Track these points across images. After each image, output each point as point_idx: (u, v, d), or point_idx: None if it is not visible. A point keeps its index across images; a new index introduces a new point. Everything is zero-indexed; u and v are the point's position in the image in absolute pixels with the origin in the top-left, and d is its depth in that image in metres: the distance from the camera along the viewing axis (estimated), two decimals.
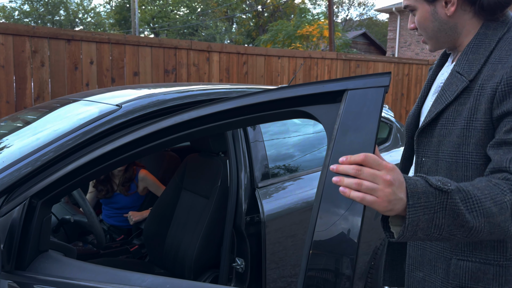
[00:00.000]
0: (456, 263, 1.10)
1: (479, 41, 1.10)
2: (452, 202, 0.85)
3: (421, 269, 1.20)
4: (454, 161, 1.09)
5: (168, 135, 1.13)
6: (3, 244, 1.22)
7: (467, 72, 1.08)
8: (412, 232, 0.84)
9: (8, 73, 3.75)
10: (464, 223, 0.86)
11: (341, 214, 0.83)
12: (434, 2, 1.12)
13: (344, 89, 0.93)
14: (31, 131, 1.82)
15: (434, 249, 1.17)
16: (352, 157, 0.81)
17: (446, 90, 1.12)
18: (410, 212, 0.82)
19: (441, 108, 1.11)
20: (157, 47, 4.62)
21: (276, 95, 1.00)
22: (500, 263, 1.06)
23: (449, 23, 1.13)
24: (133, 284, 1.07)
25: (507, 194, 0.91)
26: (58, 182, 1.26)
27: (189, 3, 33.40)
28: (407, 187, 0.83)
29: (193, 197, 2.32)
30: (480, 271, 1.07)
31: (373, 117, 0.86)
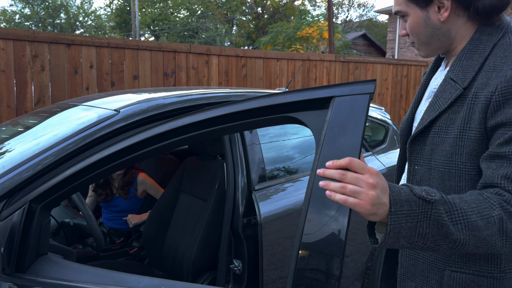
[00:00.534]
0: (449, 274, 1.09)
1: (474, 46, 1.07)
2: (436, 212, 0.86)
3: (413, 279, 1.19)
4: (447, 170, 1.07)
5: (163, 141, 1.17)
6: (3, 247, 1.25)
7: (461, 79, 1.06)
8: (395, 239, 0.85)
9: (9, 78, 3.79)
10: (448, 235, 0.87)
11: (328, 216, 0.86)
12: (427, 7, 1.08)
13: (331, 96, 0.96)
14: (32, 136, 1.85)
15: (427, 260, 1.15)
16: (337, 162, 0.84)
17: (439, 97, 1.10)
18: (392, 219, 0.84)
19: (434, 116, 1.09)
20: (156, 50, 4.66)
21: (266, 102, 1.03)
22: (494, 275, 1.05)
23: (442, 29, 1.10)
24: (129, 285, 1.10)
25: (495, 208, 0.90)
26: (57, 186, 1.29)
27: (189, 6, 33.49)
28: (391, 194, 0.84)
29: (191, 200, 2.35)
30: (474, 283, 1.06)
31: (358, 123, 0.89)
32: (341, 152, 0.89)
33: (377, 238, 0.93)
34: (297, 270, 0.87)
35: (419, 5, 1.08)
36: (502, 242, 0.90)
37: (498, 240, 0.90)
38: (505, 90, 0.96)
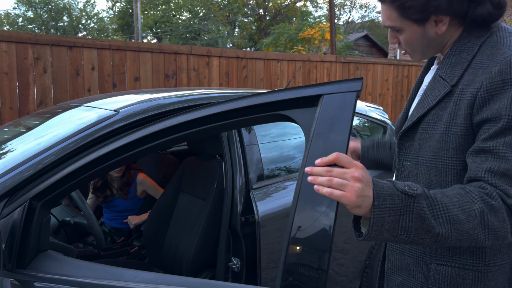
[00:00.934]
0: (435, 268, 1.11)
1: (462, 45, 1.09)
2: (418, 206, 0.88)
3: (400, 273, 1.21)
4: (433, 165, 1.09)
5: (159, 139, 1.20)
6: (4, 244, 1.28)
7: (449, 77, 1.08)
8: (378, 232, 0.88)
9: (12, 80, 3.84)
10: (430, 228, 0.89)
11: (316, 211, 0.89)
12: (424, 24, 1.08)
13: (320, 94, 0.99)
14: (33, 136, 1.89)
15: (413, 254, 1.17)
16: (325, 158, 0.87)
17: (428, 94, 1.12)
18: (375, 212, 0.86)
19: (422, 112, 1.11)
20: (157, 52, 4.70)
21: (258, 100, 1.06)
22: (479, 268, 1.07)
23: (437, 40, 1.12)
24: (126, 280, 1.13)
25: (477, 202, 0.92)
26: (56, 184, 1.32)
27: (191, 8, 33.58)
28: (374, 189, 0.87)
29: (190, 199, 2.38)
30: (459, 276, 1.08)
31: (346, 120, 0.92)
32: (330, 148, 0.92)
33: (362, 232, 0.95)
34: (286, 262, 0.90)
35: (417, 23, 1.08)
36: (485, 235, 0.92)
37: (481, 233, 0.92)
38: (490, 86, 0.99)
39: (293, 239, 0.90)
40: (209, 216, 2.18)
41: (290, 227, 0.90)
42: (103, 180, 2.76)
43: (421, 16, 1.06)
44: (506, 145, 0.95)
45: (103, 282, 1.13)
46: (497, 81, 0.98)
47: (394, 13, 1.10)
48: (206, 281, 1.06)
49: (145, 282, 1.10)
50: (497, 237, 0.93)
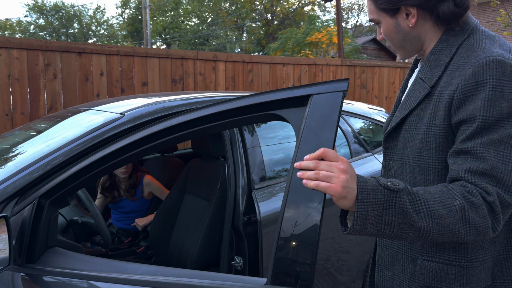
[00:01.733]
0: (421, 263, 1.15)
1: (441, 47, 1.14)
2: (400, 201, 0.92)
3: (390, 268, 1.25)
4: (417, 165, 1.14)
5: (160, 139, 1.26)
6: (15, 240, 1.35)
7: (429, 78, 1.13)
8: (362, 225, 0.92)
9: (23, 86, 3.94)
10: (412, 223, 0.92)
11: (305, 204, 0.94)
12: (395, 15, 1.15)
13: (309, 94, 1.04)
14: (43, 138, 1.97)
15: (402, 249, 1.21)
16: (313, 154, 0.93)
17: (410, 96, 1.17)
18: (359, 206, 0.91)
19: (405, 113, 1.16)
20: (164, 57, 4.78)
21: (252, 101, 1.12)
22: (461, 264, 1.10)
23: (412, 33, 1.17)
24: (129, 272, 1.19)
25: (458, 198, 0.96)
26: (64, 182, 1.39)
27: (200, 14, 33.84)
28: (358, 184, 0.91)
29: (195, 200, 2.44)
30: (443, 271, 1.12)
31: (333, 117, 0.98)
32: (317, 144, 0.97)
33: (348, 226, 0.99)
34: (277, 252, 0.95)
35: (389, 13, 1.16)
36: (466, 230, 0.96)
37: (462, 228, 0.95)
38: (465, 88, 1.03)
39: (283, 230, 0.95)
40: (212, 216, 2.23)
41: (281, 219, 0.96)
42: (111, 181, 2.83)
43: (391, 6, 1.13)
44: (483, 146, 0.99)
45: (107, 275, 1.20)
46: (471, 83, 1.02)
47: (372, 6, 1.19)
48: (202, 273, 1.12)
49: (146, 274, 1.16)
50: (478, 232, 0.97)
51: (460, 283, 1.11)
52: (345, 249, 2.50)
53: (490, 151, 0.99)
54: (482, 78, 1.01)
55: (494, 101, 0.99)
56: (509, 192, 0.98)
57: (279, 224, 0.96)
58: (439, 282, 1.12)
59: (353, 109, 3.01)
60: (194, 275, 1.10)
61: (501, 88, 0.99)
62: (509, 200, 0.98)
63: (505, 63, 1.00)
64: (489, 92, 0.99)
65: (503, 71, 1.00)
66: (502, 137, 0.98)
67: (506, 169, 0.98)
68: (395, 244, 1.24)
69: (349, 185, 0.90)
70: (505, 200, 0.98)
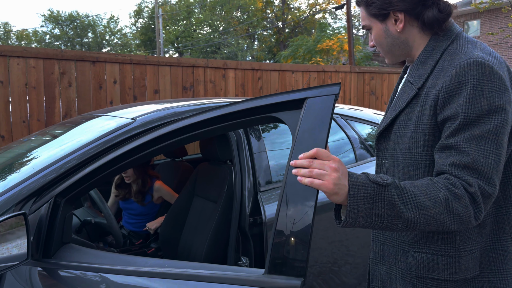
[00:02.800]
0: (413, 255, 1.22)
1: (427, 52, 1.23)
2: (389, 194, 1.00)
3: (384, 262, 1.32)
4: (406, 161, 1.22)
5: (165, 141, 1.34)
6: (32, 237, 1.44)
7: (416, 81, 1.22)
8: (355, 218, 0.99)
9: (39, 94, 4.09)
10: (400, 214, 1.00)
11: (299, 200, 1.02)
12: (385, 21, 1.26)
13: (304, 97, 1.12)
14: (58, 143, 2.07)
15: (394, 243, 1.28)
16: (307, 153, 1.00)
17: (399, 98, 1.26)
18: (351, 201, 0.98)
19: (395, 114, 1.25)
20: (175, 66, 4.91)
21: (252, 104, 1.20)
22: (450, 254, 1.17)
23: (400, 38, 1.26)
24: (138, 265, 1.27)
25: (441, 190, 1.03)
26: (78, 182, 1.48)
27: (212, 23, 34.20)
28: (349, 180, 0.99)
29: (203, 202, 2.52)
30: (433, 262, 1.19)
31: (325, 119, 1.05)
32: (311, 143, 1.05)
33: (342, 219, 1.06)
34: (274, 243, 1.02)
35: (378, 19, 1.27)
36: (450, 219, 1.03)
37: (446, 218, 1.03)
38: (449, 87, 1.11)
39: (279, 223, 1.03)
40: (219, 218, 2.31)
41: (278, 213, 1.03)
42: (123, 179, 2.93)
43: (380, 12, 1.24)
44: (465, 141, 1.07)
45: (118, 267, 1.28)
46: (454, 83, 1.10)
47: (364, 13, 1.30)
48: (205, 265, 1.19)
49: (154, 266, 1.24)
50: (461, 221, 1.04)
51: (449, 272, 1.17)
52: (352, 252, 2.55)
53: (472, 145, 1.06)
54: (464, 78, 1.09)
55: (475, 99, 1.07)
56: (489, 184, 1.05)
57: (276, 218, 1.04)
58: (430, 272, 1.19)
59: (362, 115, 3.07)
60: (198, 267, 1.18)
61: (481, 87, 1.08)
62: (489, 191, 1.05)
63: (484, 64, 1.09)
64: (470, 91, 1.08)
65: (483, 72, 1.08)
66: (483, 133, 1.06)
67: (486, 162, 1.05)
68: (388, 238, 1.30)
69: (341, 182, 0.97)
70: (486, 191, 1.05)
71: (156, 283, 1.20)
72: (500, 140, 1.07)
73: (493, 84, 1.08)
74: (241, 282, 1.06)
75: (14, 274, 1.40)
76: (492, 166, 1.05)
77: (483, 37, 21.69)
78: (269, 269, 1.03)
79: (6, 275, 1.39)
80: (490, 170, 1.05)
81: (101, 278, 1.31)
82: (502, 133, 1.07)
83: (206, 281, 1.11)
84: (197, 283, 1.13)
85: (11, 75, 3.94)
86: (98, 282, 1.35)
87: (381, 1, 1.23)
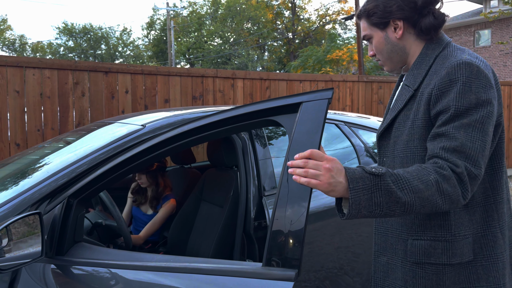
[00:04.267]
0: (412, 242, 1.32)
1: (421, 59, 1.37)
2: (385, 183, 1.08)
3: (385, 253, 1.41)
4: (404, 155, 1.33)
5: (171, 144, 1.43)
6: (46, 235, 1.52)
7: (412, 83, 1.35)
8: (357, 210, 1.07)
9: (53, 103, 4.22)
10: (398, 199, 1.08)
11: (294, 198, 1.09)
12: (385, 29, 1.39)
13: (300, 102, 1.20)
14: (72, 148, 2.17)
15: (394, 233, 1.38)
16: (302, 154, 1.08)
17: (398, 100, 1.40)
18: (352, 194, 1.07)
19: (394, 114, 1.38)
20: (185, 76, 5.03)
21: (252, 108, 1.28)
22: (446, 238, 1.27)
23: (399, 45, 1.40)
24: (146, 261, 1.35)
25: (431, 174, 1.13)
26: (89, 184, 1.57)
27: (222, 34, 34.58)
28: (347, 175, 1.07)
29: (210, 207, 2.59)
30: (431, 247, 1.28)
31: (318, 122, 1.13)
32: (306, 144, 1.12)
33: (344, 213, 1.14)
34: (271, 238, 1.09)
35: (379, 27, 1.41)
36: (442, 199, 1.12)
37: (439, 199, 1.11)
38: (441, 85, 1.24)
39: (276, 220, 1.10)
40: (225, 222, 2.38)
41: (274, 210, 1.10)
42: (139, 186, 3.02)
43: (381, 20, 1.38)
44: (454, 128, 1.19)
45: (127, 263, 1.36)
46: (445, 81, 1.24)
47: (365, 24, 1.43)
48: (208, 259, 1.26)
49: (161, 261, 1.31)
50: (452, 200, 1.13)
51: (446, 256, 1.27)
52: (356, 252, 2.59)
53: (461, 132, 1.18)
54: (454, 76, 1.23)
55: (464, 94, 1.20)
56: (475, 166, 1.16)
57: (273, 215, 1.11)
58: (428, 257, 1.28)
59: (369, 123, 3.14)
60: (201, 261, 1.25)
61: (470, 84, 1.21)
62: (475, 172, 1.15)
63: (472, 65, 1.23)
64: (460, 87, 1.21)
65: (471, 71, 1.22)
66: (470, 122, 1.18)
67: (473, 147, 1.16)
68: (388, 230, 1.40)
69: (335, 180, 1.05)
70: (472, 172, 1.15)
71: (161, 276, 1.27)
72: (486, 128, 1.19)
73: (480, 81, 1.21)
74: (240, 274, 1.13)
75: (29, 270, 1.49)
76: (478, 150, 1.16)
77: (494, 47, 21.61)
78: (266, 261, 1.10)
79: (21, 271, 1.47)
80: (476, 154, 1.16)
81: (110, 274, 1.39)
82: (488, 123, 1.20)
83: (208, 274, 1.19)
84: (199, 276, 1.20)
85: (26, 86, 4.09)
86: (108, 278, 1.43)
87: (382, 11, 1.36)
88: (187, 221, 2.68)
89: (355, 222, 2.61)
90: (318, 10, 35.36)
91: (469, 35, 22.66)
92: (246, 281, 1.12)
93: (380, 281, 1.42)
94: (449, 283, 1.27)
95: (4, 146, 3.99)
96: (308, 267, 2.34)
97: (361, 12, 1.43)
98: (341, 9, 33.61)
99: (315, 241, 2.34)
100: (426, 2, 1.34)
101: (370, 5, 1.39)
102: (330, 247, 2.45)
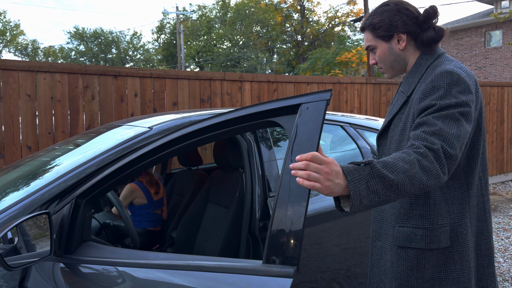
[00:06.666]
0: (397, 229, 1.50)
1: (416, 68, 1.54)
2: (376, 170, 1.15)
3: (380, 238, 1.59)
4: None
5: (176, 145, 1.46)
6: (55, 234, 1.57)
7: (406, 90, 1.53)
8: (358, 201, 1.12)
9: (64, 107, 4.30)
10: (391, 182, 1.15)
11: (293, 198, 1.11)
12: (390, 41, 1.54)
13: (299, 103, 1.23)
14: (81, 150, 2.22)
15: (387, 221, 1.56)
16: (303, 156, 1.11)
17: (394, 105, 1.58)
18: (351, 185, 1.11)
19: (390, 117, 1.56)
20: (193, 79, 5.08)
21: (253, 110, 1.32)
22: (425, 226, 1.45)
23: (401, 55, 1.55)
24: (150, 259, 1.38)
25: (411, 154, 1.22)
26: (97, 185, 1.61)
27: (232, 37, 34.72)
28: (344, 171, 1.12)
29: (216, 208, 2.63)
30: (412, 234, 1.47)
31: (317, 123, 1.16)
32: (305, 144, 1.15)
33: (344, 210, 1.18)
34: (271, 236, 1.12)
35: (384, 39, 1.55)
36: (426, 176, 1.20)
37: (423, 175, 1.20)
38: (425, 90, 1.41)
39: (275, 218, 1.12)
40: (231, 222, 2.41)
41: (274, 209, 1.13)
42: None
43: (387, 33, 1.53)
44: (434, 118, 1.33)
45: (132, 261, 1.39)
46: (429, 87, 1.41)
47: (370, 35, 1.58)
48: (209, 257, 1.29)
49: (164, 259, 1.35)
50: (434, 176, 1.22)
51: (425, 242, 1.45)
52: (361, 252, 2.60)
53: (439, 120, 1.32)
54: (437, 83, 1.40)
55: (446, 97, 1.36)
56: (451, 147, 1.27)
57: (272, 214, 1.13)
58: (410, 242, 1.47)
59: (377, 125, 3.16)
60: (204, 259, 1.28)
61: (450, 89, 1.37)
62: (451, 152, 1.26)
63: (453, 73, 1.40)
64: (442, 92, 1.37)
65: (452, 78, 1.39)
66: (448, 114, 1.33)
67: (450, 131, 1.30)
68: (383, 218, 1.56)
69: (334, 182, 1.10)
70: (448, 151, 1.26)
71: (165, 273, 1.30)
72: (461, 122, 1.32)
73: (459, 87, 1.37)
74: (241, 271, 1.16)
75: (38, 269, 1.53)
76: (454, 134, 1.29)
77: (505, 48, 21.40)
78: (266, 259, 1.13)
79: (31, 269, 1.52)
80: (452, 137, 1.28)
81: (116, 271, 1.43)
82: (465, 119, 1.34)
83: (211, 271, 1.22)
84: (202, 273, 1.24)
85: (38, 89, 4.17)
86: (115, 276, 1.47)
87: (388, 25, 1.51)
88: (194, 222, 2.72)
89: (362, 223, 2.63)
90: (327, 13, 35.32)
91: (480, 36, 22.47)
92: (247, 278, 1.15)
93: (375, 263, 1.61)
94: (428, 266, 1.44)
95: (16, 149, 4.07)
96: (315, 268, 2.36)
97: (366, 25, 1.56)
98: (350, 11, 33.57)
99: (323, 242, 2.36)
100: (426, 17, 1.49)
101: (376, 19, 1.53)
102: (338, 248, 2.47)
